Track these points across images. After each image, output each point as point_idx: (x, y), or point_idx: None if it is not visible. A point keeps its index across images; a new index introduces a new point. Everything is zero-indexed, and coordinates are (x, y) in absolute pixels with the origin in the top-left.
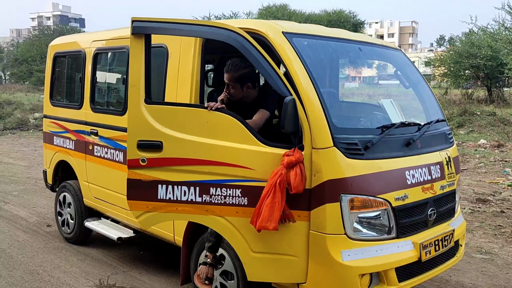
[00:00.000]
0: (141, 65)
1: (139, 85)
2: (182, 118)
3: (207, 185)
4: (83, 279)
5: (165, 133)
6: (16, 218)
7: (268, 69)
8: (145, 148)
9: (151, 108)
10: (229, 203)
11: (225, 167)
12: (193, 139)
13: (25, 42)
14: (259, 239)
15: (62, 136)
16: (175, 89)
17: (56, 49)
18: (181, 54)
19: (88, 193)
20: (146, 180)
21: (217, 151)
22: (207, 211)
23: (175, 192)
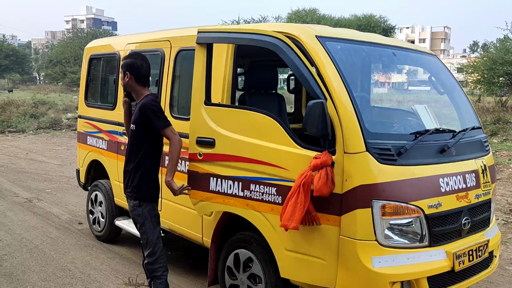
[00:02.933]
0: (203, 71)
1: (201, 88)
2: (231, 118)
3: (248, 181)
4: (113, 277)
5: (217, 131)
6: (49, 215)
7: (305, 73)
8: (202, 144)
9: (208, 109)
10: (265, 200)
11: (264, 166)
12: (238, 137)
13: (59, 44)
14: (291, 238)
15: (95, 136)
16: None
17: (92, 52)
18: (214, 58)
19: (119, 192)
20: (201, 173)
21: (258, 150)
22: (247, 206)
23: (223, 185)
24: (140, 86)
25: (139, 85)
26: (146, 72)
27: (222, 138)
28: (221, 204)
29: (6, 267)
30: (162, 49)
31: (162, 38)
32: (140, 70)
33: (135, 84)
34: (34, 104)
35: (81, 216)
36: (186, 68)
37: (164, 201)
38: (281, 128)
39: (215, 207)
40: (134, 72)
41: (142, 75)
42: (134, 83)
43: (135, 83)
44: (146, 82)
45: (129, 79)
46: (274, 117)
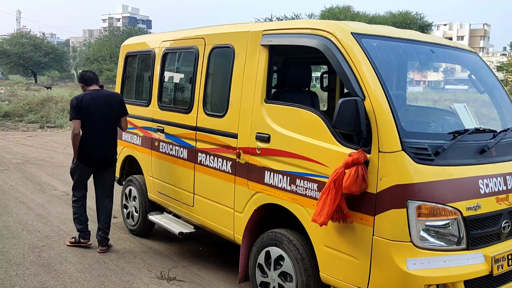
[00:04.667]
0: (265, 71)
1: (263, 87)
2: (283, 115)
3: (295, 176)
4: (146, 270)
5: (272, 127)
6: None
7: (348, 71)
8: (260, 139)
9: (267, 106)
10: (308, 195)
11: (308, 162)
12: (288, 133)
13: (96, 42)
14: (329, 235)
15: (130, 132)
16: (240, 89)
17: (128, 49)
18: (248, 55)
19: (153, 187)
20: (259, 166)
21: (303, 146)
22: (293, 200)
23: (275, 178)
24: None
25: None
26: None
27: (276, 134)
28: (272, 197)
29: (45, 258)
30: (196, 47)
31: (196, 35)
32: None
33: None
34: None
35: (115, 210)
36: (220, 65)
37: (197, 197)
38: (324, 125)
39: (268, 199)
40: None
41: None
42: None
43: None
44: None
45: (82, 87)
46: (318, 113)
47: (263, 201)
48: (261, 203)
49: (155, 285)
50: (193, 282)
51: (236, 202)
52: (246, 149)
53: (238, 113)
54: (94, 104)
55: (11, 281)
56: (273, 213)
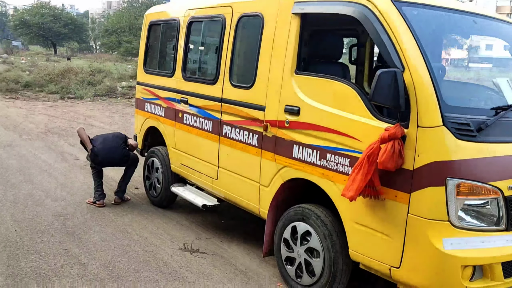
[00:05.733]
0: (296, 41)
1: (293, 57)
2: (315, 88)
3: (325, 150)
4: (169, 241)
5: (302, 99)
6: (106, 179)
7: (386, 41)
8: (289, 112)
9: (297, 78)
10: (339, 170)
11: (340, 136)
12: (319, 106)
13: (115, 14)
14: (360, 211)
15: (153, 103)
16: (269, 60)
17: (152, 18)
18: (278, 24)
19: (176, 159)
20: (287, 139)
21: (335, 119)
22: (323, 175)
23: (303, 153)
24: None
25: None
26: None
27: (306, 107)
28: (300, 171)
29: (69, 226)
30: (223, 15)
31: (224, 3)
32: None
33: None
34: (91, 72)
35: (137, 181)
36: (247, 35)
37: (221, 170)
38: (358, 97)
39: (296, 174)
40: None
41: None
42: None
43: None
44: None
45: None
46: (353, 86)
47: (290, 175)
48: (288, 177)
49: (179, 256)
50: (216, 254)
51: (262, 176)
52: (274, 122)
53: (266, 85)
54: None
55: (37, 248)
56: (300, 187)
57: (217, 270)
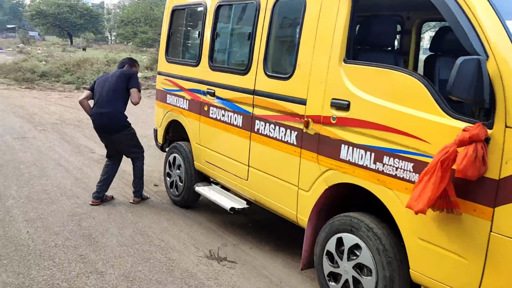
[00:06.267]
0: (346, 25)
1: (341, 43)
2: (370, 79)
3: (381, 152)
4: (193, 247)
5: (353, 93)
6: (124, 174)
7: (464, 23)
8: (336, 107)
9: (347, 68)
10: (399, 176)
11: (401, 136)
12: (376, 101)
13: (131, 4)
14: (427, 225)
15: (176, 94)
16: (311, 46)
17: (175, 2)
18: (323, 6)
19: (200, 156)
20: (333, 138)
21: (396, 116)
22: (378, 180)
23: (354, 154)
24: None
25: None
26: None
27: (358, 101)
28: (349, 175)
29: (85, 227)
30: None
31: None
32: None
33: None
34: (107, 62)
35: (156, 177)
36: (286, 19)
37: (252, 170)
38: (426, 92)
39: (343, 178)
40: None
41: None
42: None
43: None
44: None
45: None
46: (419, 77)
47: (337, 179)
48: (334, 182)
49: (205, 265)
50: (246, 263)
51: (301, 178)
52: (317, 118)
53: (307, 75)
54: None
55: (50, 253)
56: (346, 192)
57: (248, 284)
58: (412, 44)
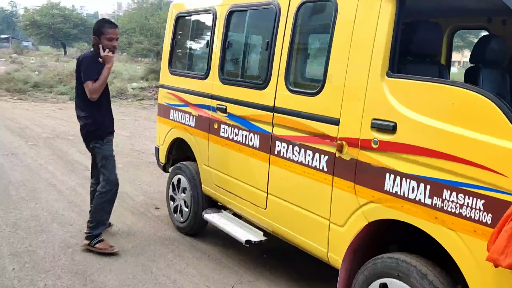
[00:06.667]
0: (389, 31)
1: (384, 54)
2: (423, 96)
3: (440, 185)
4: (203, 285)
5: (401, 112)
6: (122, 196)
7: None
8: (378, 128)
9: (391, 82)
10: (465, 215)
11: (467, 166)
12: (432, 123)
13: (125, 15)
14: (504, 280)
15: (181, 110)
16: (345, 57)
17: (179, 9)
18: (359, 9)
19: (209, 179)
20: (374, 166)
21: (460, 143)
22: (436, 219)
23: (402, 185)
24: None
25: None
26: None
27: (407, 122)
28: (397, 211)
29: (79, 262)
30: (276, 2)
31: None
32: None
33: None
34: None
35: (157, 199)
36: (312, 25)
37: (271, 198)
38: (500, 113)
39: (389, 214)
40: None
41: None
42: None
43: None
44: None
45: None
46: (492, 96)
47: (380, 215)
48: (378, 217)
49: None
50: None
51: (333, 211)
52: (354, 141)
53: (340, 91)
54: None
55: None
56: (386, 227)
57: None
58: (443, 53)
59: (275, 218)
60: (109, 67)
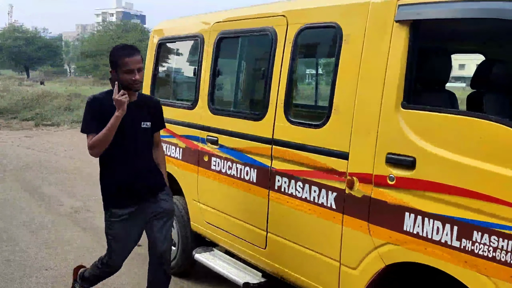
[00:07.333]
0: (403, 60)
1: (398, 84)
2: (446, 130)
3: (469, 226)
4: None
5: (420, 147)
6: (102, 233)
7: None
8: (394, 164)
9: (408, 114)
10: (500, 260)
11: (500, 206)
12: (457, 159)
13: (92, 37)
14: None
15: (166, 141)
16: (353, 86)
17: (162, 35)
18: (368, 37)
19: (199, 216)
20: (392, 204)
21: (490, 181)
22: (466, 263)
23: (425, 226)
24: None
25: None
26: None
27: (428, 157)
28: (419, 254)
29: None
30: (272, 28)
31: (273, 12)
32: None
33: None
34: (68, 96)
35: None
36: (313, 52)
37: (271, 237)
38: None
39: (410, 256)
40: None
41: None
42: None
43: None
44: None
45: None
46: None
47: (399, 257)
48: (396, 260)
49: None
50: None
51: (344, 252)
52: (366, 177)
53: (349, 122)
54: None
55: None
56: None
57: None
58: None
59: (276, 259)
60: (118, 115)
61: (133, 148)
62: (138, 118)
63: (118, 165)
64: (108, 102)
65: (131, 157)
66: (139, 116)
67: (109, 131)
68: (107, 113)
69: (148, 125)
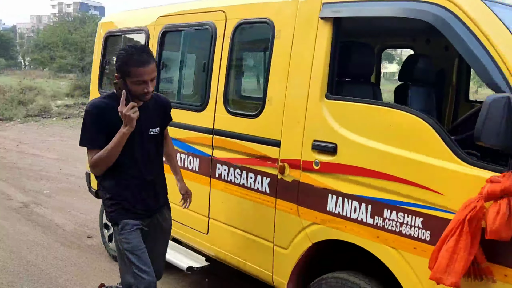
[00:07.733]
0: (327, 54)
1: (322, 76)
2: (361, 118)
3: (381, 204)
4: None
5: (341, 134)
6: (51, 225)
7: (481, 55)
8: (319, 150)
9: (331, 104)
10: (405, 233)
11: (406, 186)
12: (371, 144)
13: (47, 29)
14: None
15: None
16: (284, 79)
17: (108, 28)
18: (297, 32)
19: None
20: (317, 187)
21: (398, 163)
22: (378, 238)
23: (345, 206)
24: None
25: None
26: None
27: (348, 144)
28: (340, 231)
29: None
30: (212, 23)
31: (213, 7)
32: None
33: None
34: (21, 90)
35: (89, 227)
36: (249, 47)
37: (213, 222)
38: (435, 135)
39: (333, 234)
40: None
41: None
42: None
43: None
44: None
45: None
46: (427, 118)
47: (324, 236)
48: (321, 238)
49: None
50: None
51: (277, 233)
52: (295, 162)
53: (280, 112)
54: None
55: None
56: (330, 247)
57: None
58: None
59: (217, 243)
60: (125, 133)
61: (140, 156)
62: (145, 125)
63: (125, 176)
64: (111, 111)
65: (139, 167)
66: (146, 123)
67: (115, 150)
68: (111, 123)
69: (157, 131)
